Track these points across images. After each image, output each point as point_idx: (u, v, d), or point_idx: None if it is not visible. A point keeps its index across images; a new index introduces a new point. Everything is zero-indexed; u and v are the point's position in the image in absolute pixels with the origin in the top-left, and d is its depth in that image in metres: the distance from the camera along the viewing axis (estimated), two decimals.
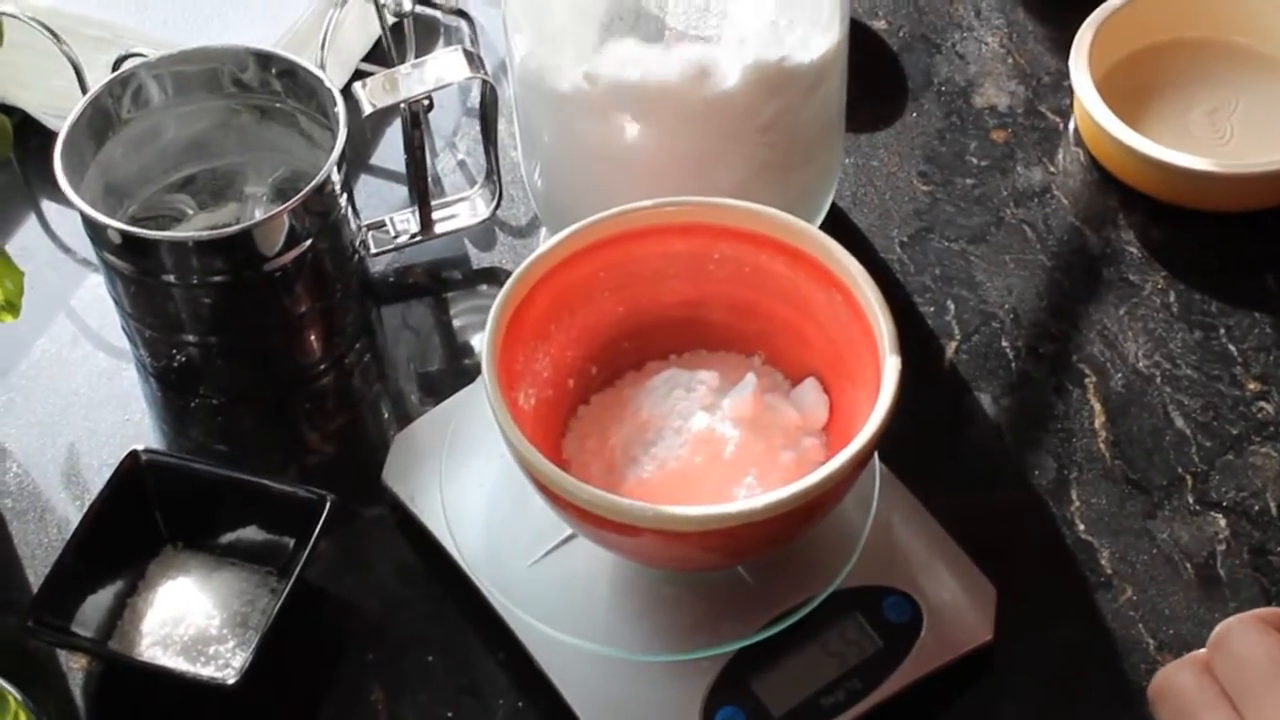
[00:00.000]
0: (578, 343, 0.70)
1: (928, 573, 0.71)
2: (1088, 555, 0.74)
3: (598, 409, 0.71)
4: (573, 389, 0.71)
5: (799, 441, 0.68)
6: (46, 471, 0.80)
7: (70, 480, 0.79)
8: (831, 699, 0.67)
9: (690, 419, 0.68)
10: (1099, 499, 0.76)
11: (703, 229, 0.69)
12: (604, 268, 0.69)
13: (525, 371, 0.68)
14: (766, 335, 0.72)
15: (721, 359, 0.72)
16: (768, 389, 0.70)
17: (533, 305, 0.68)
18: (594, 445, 0.69)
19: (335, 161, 0.77)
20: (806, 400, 0.70)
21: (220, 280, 0.76)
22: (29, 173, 0.93)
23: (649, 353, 0.72)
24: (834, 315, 0.69)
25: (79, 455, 0.80)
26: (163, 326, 0.79)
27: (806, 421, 0.69)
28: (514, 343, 0.67)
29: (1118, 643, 0.71)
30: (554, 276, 0.68)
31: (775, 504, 0.61)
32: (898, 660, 0.68)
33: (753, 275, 0.70)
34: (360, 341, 0.84)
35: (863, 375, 0.66)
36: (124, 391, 0.83)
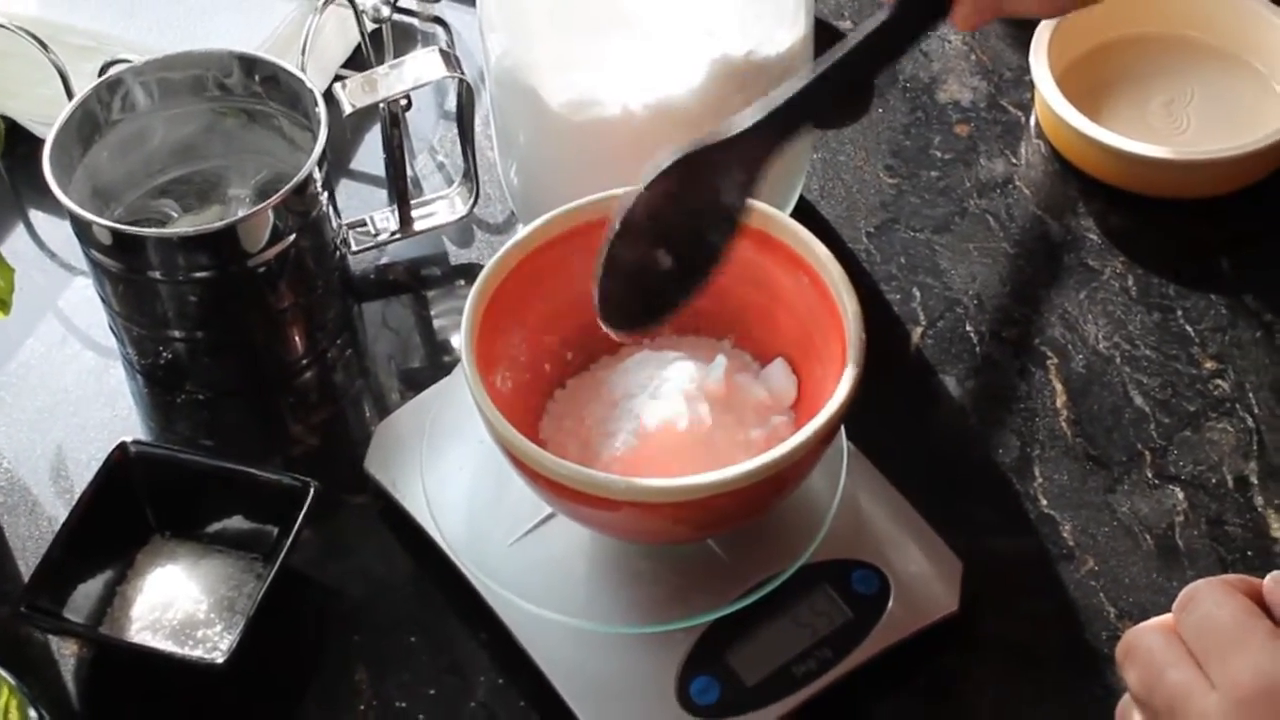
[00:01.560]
0: (553, 328, 0.73)
1: (895, 546, 0.73)
2: (1050, 529, 0.76)
3: (573, 391, 0.73)
4: (549, 373, 0.73)
5: (768, 420, 0.71)
6: (36, 467, 0.82)
7: (59, 474, 0.81)
8: (803, 668, 0.69)
9: (663, 399, 0.70)
10: (1061, 475, 0.78)
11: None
12: (576, 254, 0.70)
13: (502, 355, 0.70)
14: (736, 318, 0.74)
15: (693, 342, 0.74)
16: (738, 369, 0.72)
17: (508, 291, 0.70)
18: (570, 425, 0.71)
19: (317, 160, 0.79)
20: (775, 380, 0.72)
21: (205, 276, 0.78)
22: (16, 180, 0.95)
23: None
24: (802, 297, 0.71)
25: (68, 450, 0.82)
26: (149, 323, 0.82)
27: (775, 400, 0.71)
28: (491, 328, 0.69)
29: (1080, 612, 0.73)
30: (528, 263, 0.71)
31: (745, 474, 0.63)
32: (866, 630, 0.70)
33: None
34: (342, 337, 0.86)
35: (830, 355, 0.69)
36: (111, 388, 0.85)
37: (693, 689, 0.69)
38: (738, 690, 0.69)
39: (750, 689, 0.69)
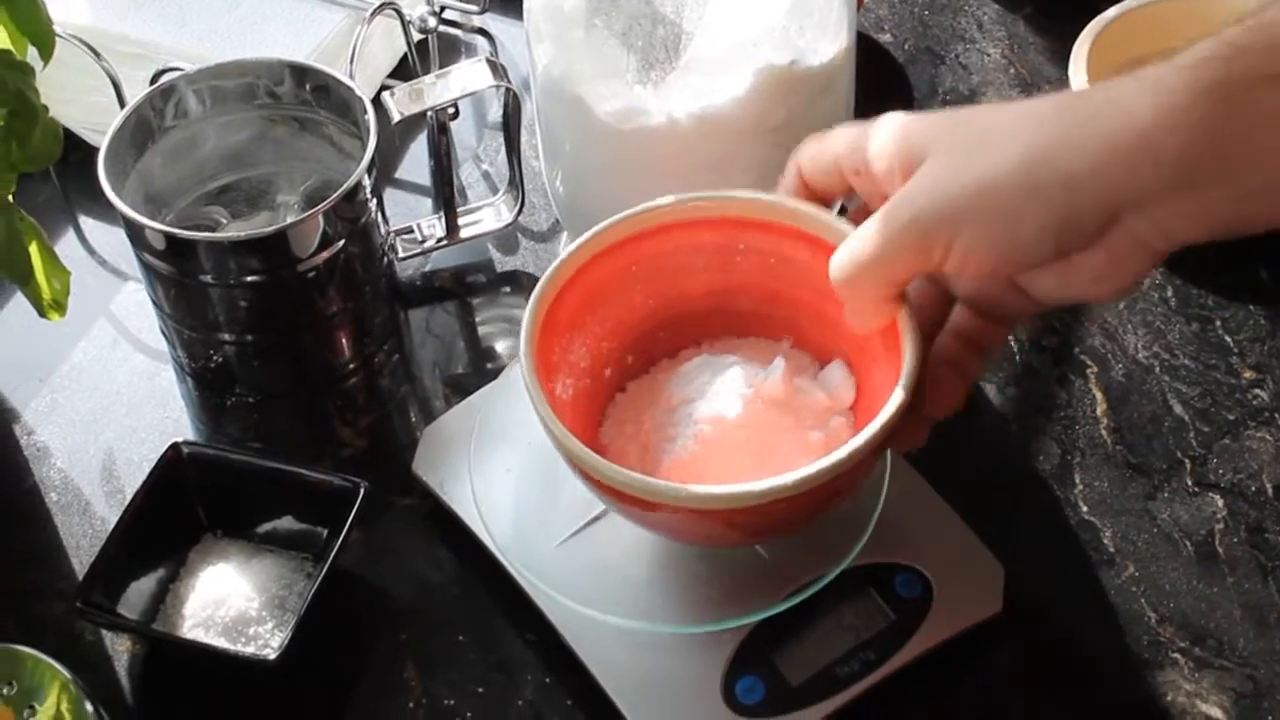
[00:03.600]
0: (612, 334, 0.73)
1: (938, 550, 0.73)
2: (1091, 535, 0.77)
3: (633, 396, 0.73)
4: (610, 378, 0.74)
5: (828, 422, 0.70)
6: (89, 468, 0.83)
7: (112, 475, 0.83)
8: (846, 669, 0.70)
9: (722, 401, 0.70)
10: (1101, 482, 0.79)
11: (727, 222, 0.71)
12: (634, 261, 0.71)
13: (562, 363, 0.70)
14: (793, 320, 0.73)
15: (751, 344, 0.74)
16: (796, 371, 0.72)
17: (567, 299, 0.70)
18: (630, 430, 0.72)
19: (366, 166, 0.80)
20: (834, 381, 0.72)
21: (256, 280, 0.80)
22: (68, 187, 0.96)
23: (681, 341, 0.74)
24: None
25: (120, 452, 0.83)
26: (200, 326, 0.83)
27: (834, 402, 0.71)
28: (550, 335, 0.69)
29: (1120, 617, 0.74)
30: (586, 271, 0.71)
31: (797, 482, 0.63)
32: (909, 633, 0.71)
33: (777, 264, 0.72)
34: (388, 342, 0.87)
35: (886, 357, 0.68)
36: (163, 391, 0.86)
37: (738, 688, 0.70)
38: (782, 690, 0.70)
39: (795, 689, 0.70)
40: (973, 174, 0.56)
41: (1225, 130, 0.51)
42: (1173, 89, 0.52)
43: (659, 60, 0.78)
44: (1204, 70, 0.52)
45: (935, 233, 0.58)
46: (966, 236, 0.57)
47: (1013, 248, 0.56)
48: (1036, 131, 0.56)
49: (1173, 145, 0.52)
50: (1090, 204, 0.54)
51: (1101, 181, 0.54)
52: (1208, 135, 0.52)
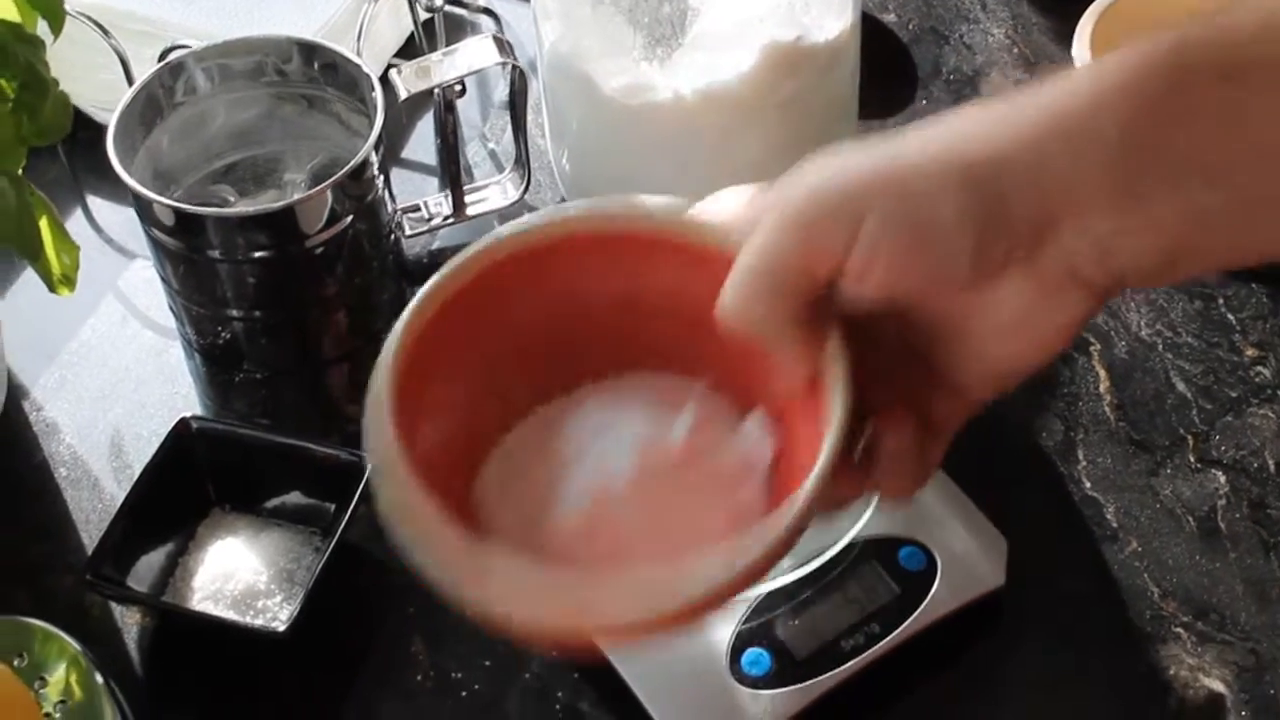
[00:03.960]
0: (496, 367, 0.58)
1: (941, 525, 0.74)
2: (1094, 510, 0.77)
3: (516, 446, 0.59)
4: (491, 419, 0.59)
5: (736, 492, 0.57)
6: (98, 443, 0.83)
7: (120, 451, 0.83)
8: (851, 642, 0.71)
9: (615, 459, 0.57)
10: (1104, 458, 0.79)
11: (637, 240, 0.56)
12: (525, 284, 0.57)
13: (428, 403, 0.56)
14: (714, 357, 0.57)
15: (663, 383, 0.59)
16: (711, 421, 0.58)
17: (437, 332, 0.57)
18: (515, 489, 0.58)
19: (373, 143, 0.81)
20: (749, 439, 0.57)
21: (264, 256, 0.80)
22: (76, 165, 0.97)
23: (581, 374, 0.59)
24: None
25: (128, 428, 0.84)
26: (208, 303, 0.83)
27: (747, 466, 0.57)
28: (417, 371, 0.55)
29: (1123, 591, 0.74)
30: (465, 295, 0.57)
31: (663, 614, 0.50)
32: (914, 606, 0.72)
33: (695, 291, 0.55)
34: (395, 319, 0.88)
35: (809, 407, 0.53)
36: (171, 367, 0.87)
37: (744, 661, 0.70)
38: (788, 663, 0.70)
39: (800, 662, 0.70)
40: (881, 153, 0.47)
41: (1171, 118, 0.45)
42: (1116, 75, 0.46)
43: (665, 37, 0.79)
44: (1155, 55, 0.46)
45: (836, 212, 0.47)
46: (876, 217, 0.46)
47: (930, 237, 0.46)
48: (962, 118, 0.48)
49: (1115, 129, 0.45)
50: (1024, 191, 0.46)
51: (1038, 164, 0.46)
52: (1151, 125, 0.45)
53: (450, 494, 0.54)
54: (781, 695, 0.69)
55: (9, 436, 0.84)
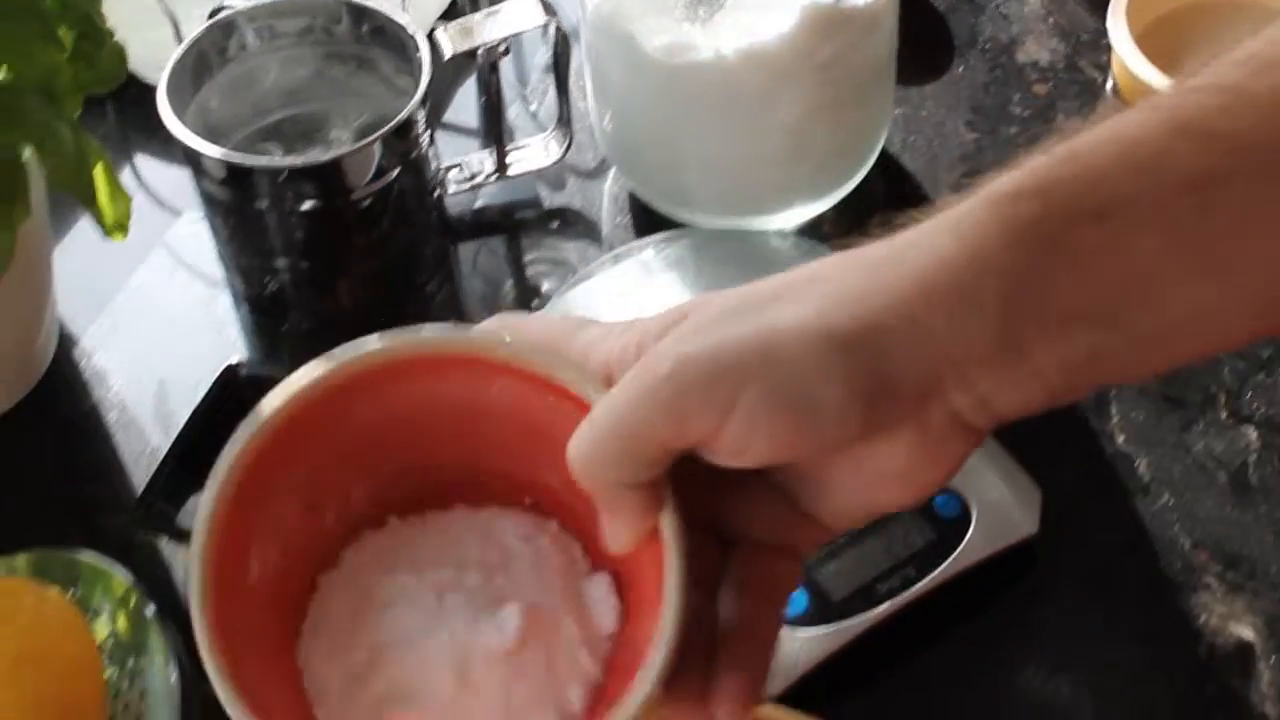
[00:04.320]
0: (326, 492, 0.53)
1: (976, 474, 0.75)
2: (1126, 465, 0.78)
3: (328, 598, 0.52)
4: (320, 549, 0.53)
5: (578, 662, 0.50)
6: (146, 390, 0.85)
7: (168, 396, 0.84)
8: (887, 585, 0.72)
9: (434, 653, 0.50)
10: (1137, 414, 0.80)
11: (475, 364, 0.50)
12: (352, 415, 0.52)
13: (260, 531, 0.50)
14: (560, 496, 0.52)
15: (504, 524, 0.53)
16: (560, 571, 0.52)
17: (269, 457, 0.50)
18: (329, 647, 0.51)
19: (419, 100, 0.82)
20: (593, 602, 0.52)
21: (311, 208, 0.82)
22: (126, 123, 0.98)
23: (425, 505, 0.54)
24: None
25: (176, 375, 0.85)
26: (256, 254, 0.85)
27: (590, 637, 0.51)
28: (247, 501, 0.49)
29: (1155, 542, 0.76)
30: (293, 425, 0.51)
31: None
32: (948, 551, 0.73)
33: (538, 425, 0.50)
34: (438, 275, 0.89)
35: (648, 584, 0.48)
36: (219, 318, 0.88)
37: None
38: (825, 603, 0.71)
39: (836, 603, 0.71)
40: (754, 321, 0.44)
41: (1048, 275, 0.43)
42: (985, 228, 0.43)
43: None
44: (1018, 207, 0.43)
45: (704, 391, 0.43)
46: (750, 397, 0.43)
47: (812, 411, 0.43)
48: (831, 281, 0.44)
49: (993, 290, 0.43)
50: (907, 361, 0.43)
51: (920, 334, 0.43)
52: (1029, 279, 0.43)
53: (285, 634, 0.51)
54: (818, 635, 0.71)
55: (60, 383, 0.86)
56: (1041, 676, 0.72)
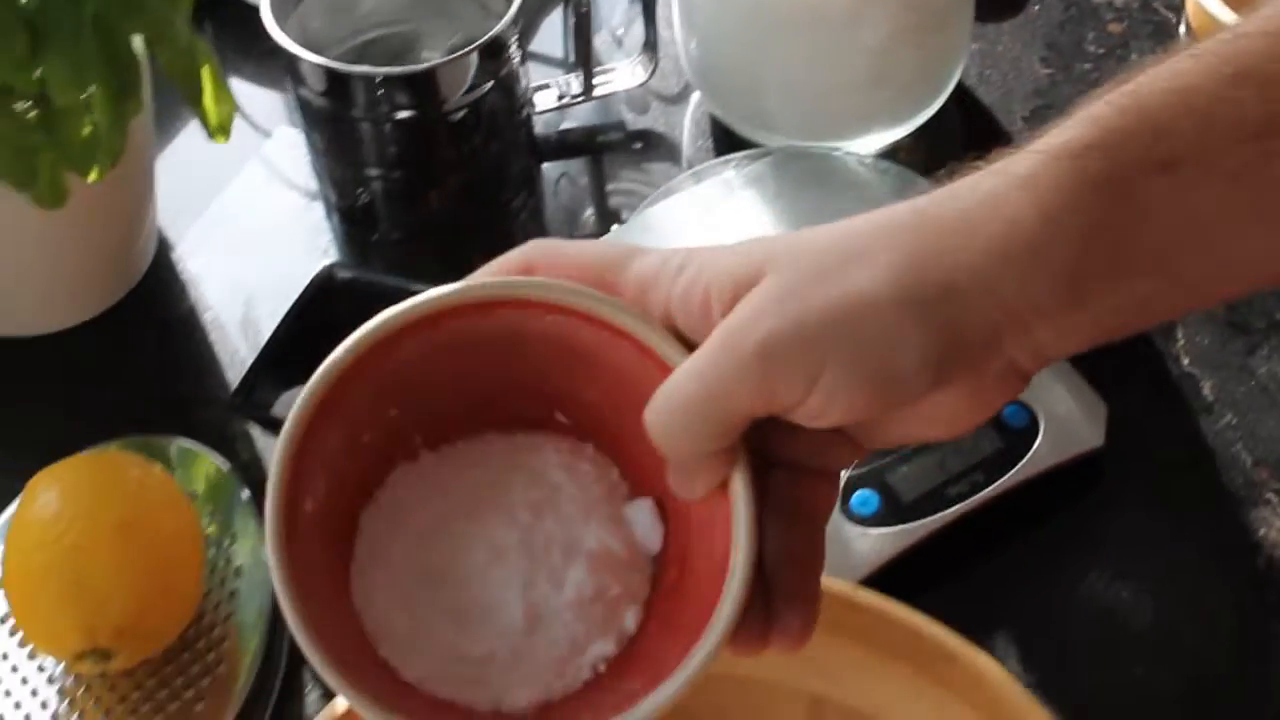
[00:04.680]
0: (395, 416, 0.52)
1: (1044, 388, 0.77)
2: (1191, 386, 0.81)
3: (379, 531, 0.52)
4: (360, 483, 0.52)
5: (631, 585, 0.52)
6: (240, 293, 0.88)
7: (261, 300, 0.87)
8: (956, 489, 0.74)
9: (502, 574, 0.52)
10: (1202, 338, 0.82)
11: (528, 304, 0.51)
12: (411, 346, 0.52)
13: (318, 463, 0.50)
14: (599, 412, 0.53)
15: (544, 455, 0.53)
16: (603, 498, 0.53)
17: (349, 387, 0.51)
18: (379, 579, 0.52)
19: (512, 18, 0.85)
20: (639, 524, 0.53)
21: (405, 118, 0.85)
22: (223, 43, 1.01)
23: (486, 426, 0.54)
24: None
25: (270, 280, 0.88)
26: (350, 165, 0.88)
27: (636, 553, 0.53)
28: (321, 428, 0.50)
29: (1217, 459, 0.78)
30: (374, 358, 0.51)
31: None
32: (1016, 460, 0.75)
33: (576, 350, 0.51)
34: (523, 191, 0.92)
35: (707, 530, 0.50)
36: (311, 228, 0.91)
37: (854, 501, 0.74)
38: (895, 505, 0.74)
39: (907, 505, 0.74)
40: (834, 292, 0.45)
41: (1117, 231, 0.44)
42: (1056, 187, 0.44)
43: None
44: (1088, 163, 0.44)
45: (791, 367, 0.45)
46: (834, 371, 0.45)
47: (890, 382, 0.45)
48: (904, 241, 0.46)
49: (1064, 250, 0.44)
50: (978, 323, 0.45)
51: (992, 297, 0.44)
52: (1100, 237, 0.44)
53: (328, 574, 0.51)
54: (888, 534, 0.73)
55: (157, 285, 0.89)
56: (1104, 582, 0.74)
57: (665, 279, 0.48)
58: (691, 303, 0.47)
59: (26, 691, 0.71)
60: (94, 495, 0.69)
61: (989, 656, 0.61)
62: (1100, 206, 0.44)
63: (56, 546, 0.67)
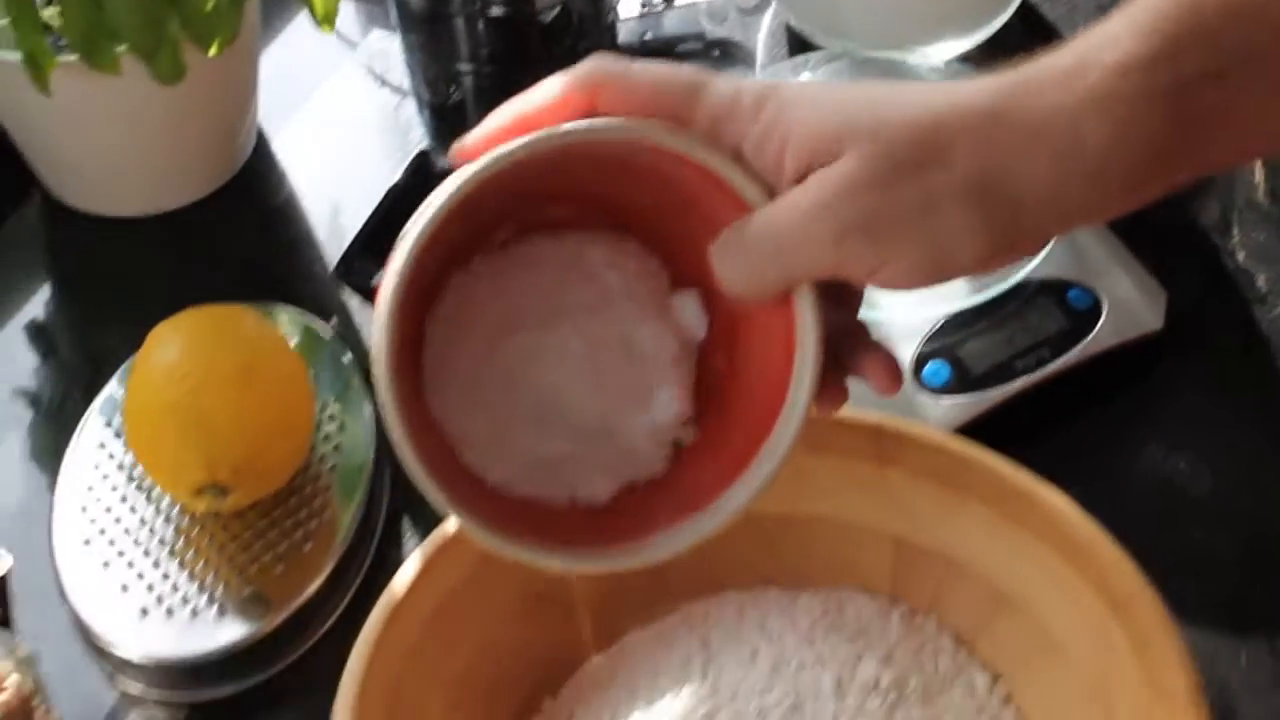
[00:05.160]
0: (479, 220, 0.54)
1: (1107, 273, 0.81)
2: (1246, 279, 0.84)
3: (446, 340, 0.55)
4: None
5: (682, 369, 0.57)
6: (336, 181, 0.93)
7: (356, 188, 0.92)
8: (1023, 362, 0.78)
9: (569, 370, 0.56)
10: (1258, 235, 0.86)
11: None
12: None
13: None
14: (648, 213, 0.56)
15: (592, 254, 0.57)
16: (651, 291, 0.57)
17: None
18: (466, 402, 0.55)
19: None
20: (685, 313, 0.57)
21: (498, 16, 0.89)
22: None
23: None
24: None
25: (364, 170, 0.93)
26: (444, 62, 0.92)
27: (681, 344, 0.57)
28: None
29: (1270, 345, 0.82)
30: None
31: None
32: (1080, 338, 0.79)
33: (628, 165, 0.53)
34: None
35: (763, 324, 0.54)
36: (404, 124, 0.96)
37: (925, 371, 0.78)
38: (965, 376, 0.78)
39: (976, 376, 0.78)
40: (909, 193, 0.48)
41: (1173, 140, 0.47)
42: (1128, 101, 0.47)
43: None
44: (1153, 77, 0.47)
45: (862, 254, 0.49)
46: (899, 260, 0.49)
47: (944, 270, 0.49)
48: (979, 148, 0.48)
49: (1124, 164, 0.48)
50: (1034, 227, 0.49)
51: (1052, 208, 0.48)
52: (1157, 148, 0.47)
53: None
54: (958, 403, 0.77)
55: (257, 174, 0.94)
56: (1162, 454, 0.78)
57: (741, 116, 0.50)
58: (766, 151, 0.50)
59: (145, 531, 0.75)
60: (214, 341, 0.73)
61: (1066, 497, 0.64)
62: (1163, 118, 0.47)
63: (180, 388, 0.71)
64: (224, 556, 0.74)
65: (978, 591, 0.67)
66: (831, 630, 0.68)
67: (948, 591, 0.68)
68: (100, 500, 0.76)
